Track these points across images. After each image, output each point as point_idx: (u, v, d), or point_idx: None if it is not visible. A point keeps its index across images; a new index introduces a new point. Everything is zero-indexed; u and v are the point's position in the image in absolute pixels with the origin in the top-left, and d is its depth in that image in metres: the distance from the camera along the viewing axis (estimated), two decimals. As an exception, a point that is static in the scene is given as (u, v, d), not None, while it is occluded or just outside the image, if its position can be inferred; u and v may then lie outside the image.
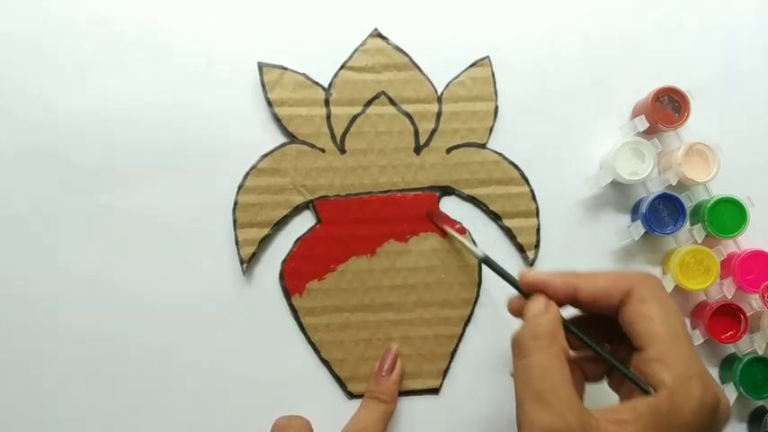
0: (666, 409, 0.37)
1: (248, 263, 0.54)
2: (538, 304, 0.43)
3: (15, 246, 0.54)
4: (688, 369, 0.38)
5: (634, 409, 0.38)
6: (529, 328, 0.41)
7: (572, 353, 0.42)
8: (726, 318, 0.54)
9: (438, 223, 0.55)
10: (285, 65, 0.55)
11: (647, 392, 0.38)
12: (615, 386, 0.45)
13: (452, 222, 0.55)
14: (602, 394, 0.44)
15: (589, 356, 0.44)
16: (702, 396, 0.38)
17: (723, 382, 0.56)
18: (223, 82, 0.55)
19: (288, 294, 0.54)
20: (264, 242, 0.54)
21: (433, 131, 0.55)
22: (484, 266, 0.55)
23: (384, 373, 0.53)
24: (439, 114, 0.55)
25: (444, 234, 0.55)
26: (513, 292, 0.46)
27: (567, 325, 0.43)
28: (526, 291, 0.45)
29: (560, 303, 0.44)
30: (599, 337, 0.44)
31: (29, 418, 0.53)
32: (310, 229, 0.55)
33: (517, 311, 0.46)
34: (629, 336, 0.41)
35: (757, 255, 0.54)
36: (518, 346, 0.41)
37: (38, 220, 0.54)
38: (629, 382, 0.41)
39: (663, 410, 0.37)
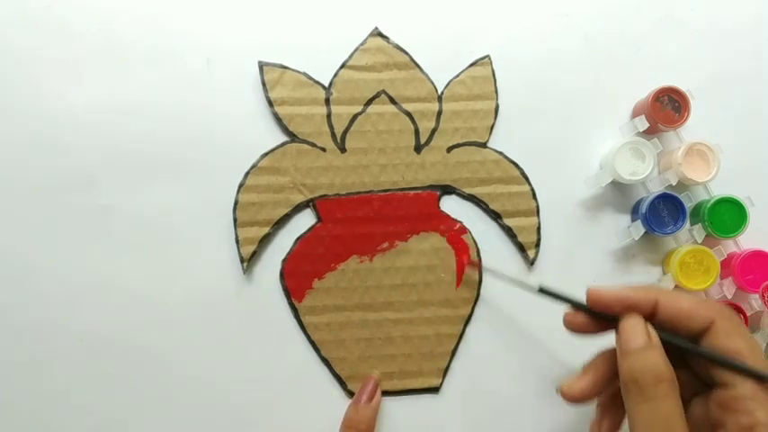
0: None
1: (248, 262, 0.54)
2: (638, 333, 0.42)
3: (15, 246, 0.54)
4: None
5: None
6: (648, 367, 0.40)
7: None
8: (726, 318, 0.54)
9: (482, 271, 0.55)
10: (285, 64, 0.55)
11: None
12: (694, 412, 0.44)
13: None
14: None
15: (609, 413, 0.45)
16: None
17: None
18: (223, 81, 0.55)
19: (288, 293, 0.54)
20: (265, 241, 0.54)
21: (434, 130, 0.55)
22: (484, 265, 0.55)
23: (364, 401, 0.53)
24: (439, 113, 0.55)
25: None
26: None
27: (669, 338, 0.42)
28: (599, 309, 0.44)
29: None
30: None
31: (29, 418, 0.53)
32: (311, 228, 0.55)
33: (579, 328, 0.45)
34: (709, 369, 0.41)
35: (757, 255, 0.54)
36: (640, 388, 0.39)
37: (38, 220, 0.54)
38: (722, 410, 0.40)
39: None
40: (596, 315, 0.44)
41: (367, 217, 0.55)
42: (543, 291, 0.48)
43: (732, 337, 0.40)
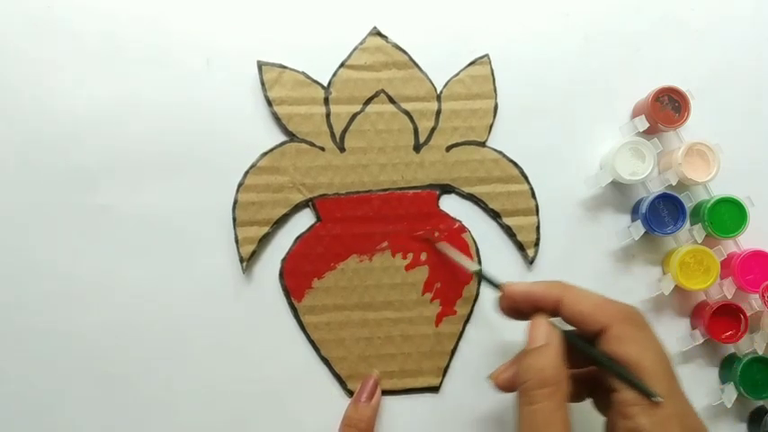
0: None
1: (248, 261, 0.54)
2: (538, 332, 0.43)
3: (15, 246, 0.54)
4: (666, 410, 0.39)
5: None
6: (536, 372, 0.41)
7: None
8: (726, 318, 0.54)
9: (434, 244, 0.55)
10: (284, 63, 0.55)
11: (654, 400, 0.39)
12: (600, 408, 0.46)
13: (451, 229, 0.56)
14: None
15: (576, 377, 0.45)
16: None
17: (723, 382, 0.56)
18: (222, 81, 0.55)
19: (288, 293, 0.54)
20: (264, 240, 0.54)
21: (433, 129, 0.55)
22: (483, 264, 0.55)
23: (364, 400, 0.53)
24: (438, 112, 0.55)
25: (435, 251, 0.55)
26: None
27: (569, 337, 0.44)
28: (512, 305, 0.46)
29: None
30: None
31: (29, 418, 0.53)
32: (310, 228, 0.55)
33: (509, 314, 0.47)
34: (605, 372, 0.42)
35: (757, 255, 0.54)
36: (524, 390, 0.41)
37: (38, 220, 0.54)
38: (614, 413, 0.41)
39: None
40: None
41: (366, 216, 0.55)
42: (479, 274, 0.50)
43: (623, 343, 0.41)
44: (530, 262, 0.56)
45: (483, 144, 0.56)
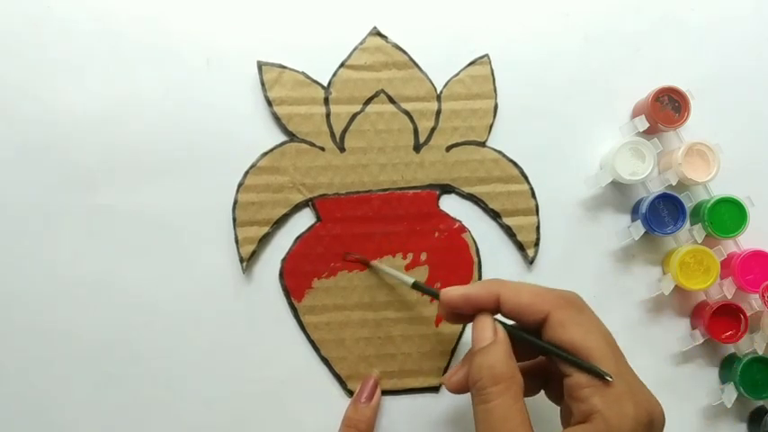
0: None
1: (248, 261, 0.54)
2: (484, 331, 0.43)
3: (15, 246, 0.54)
4: (617, 388, 0.39)
5: None
6: (487, 370, 0.41)
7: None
8: (726, 318, 0.54)
9: (361, 259, 0.55)
10: (284, 63, 0.55)
11: (605, 380, 0.39)
12: (554, 397, 0.47)
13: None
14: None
15: (527, 371, 0.45)
16: (636, 414, 0.39)
17: (723, 382, 0.56)
18: (222, 81, 0.55)
19: (288, 293, 0.54)
20: (264, 240, 0.54)
21: (433, 129, 0.55)
22: (483, 264, 0.55)
23: (364, 400, 0.53)
24: (438, 112, 0.55)
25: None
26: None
27: (514, 332, 0.44)
28: (450, 310, 0.46)
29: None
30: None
31: (29, 418, 0.53)
32: (310, 228, 0.55)
33: (453, 320, 0.48)
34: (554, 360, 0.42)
35: (757, 255, 0.54)
36: (478, 390, 0.41)
37: (38, 220, 0.54)
38: (568, 398, 0.41)
39: None
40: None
41: (366, 216, 0.55)
42: (416, 286, 0.50)
43: (565, 327, 0.41)
44: (530, 262, 0.56)
45: (483, 144, 0.56)
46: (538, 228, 0.56)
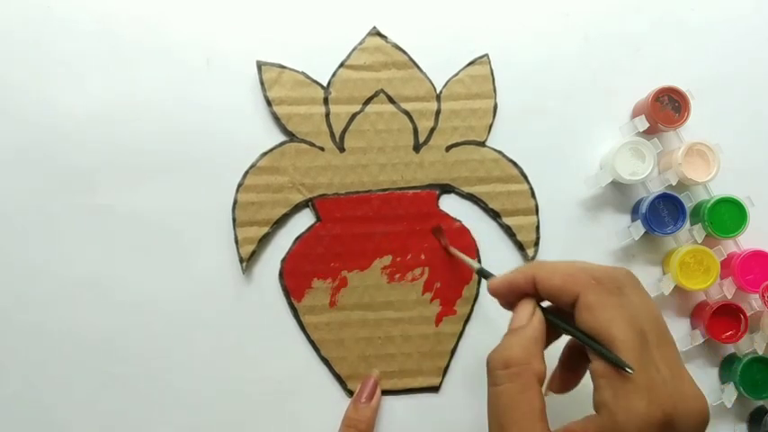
0: (610, 430, 0.37)
1: (248, 261, 0.54)
2: (520, 315, 0.42)
3: (15, 246, 0.54)
4: (632, 383, 0.37)
5: (585, 429, 0.38)
6: (501, 353, 0.40)
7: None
8: (726, 318, 0.54)
9: (442, 241, 0.55)
10: (284, 63, 0.55)
11: (623, 371, 0.37)
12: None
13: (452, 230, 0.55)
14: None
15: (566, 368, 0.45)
16: (648, 412, 0.36)
17: (723, 382, 0.55)
18: (222, 81, 0.55)
19: (287, 293, 0.54)
20: (264, 241, 0.54)
21: (433, 129, 0.55)
22: (483, 264, 0.55)
23: (364, 400, 0.53)
24: (438, 112, 0.55)
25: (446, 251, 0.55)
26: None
27: (549, 317, 0.42)
28: (500, 298, 0.45)
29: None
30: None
31: (29, 418, 0.53)
32: (310, 228, 0.55)
33: (508, 308, 0.45)
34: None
35: (757, 255, 0.54)
36: (490, 371, 0.40)
37: (38, 220, 0.54)
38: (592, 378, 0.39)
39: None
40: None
41: (366, 216, 0.55)
42: (480, 272, 0.50)
43: (591, 311, 0.39)
44: (529, 261, 0.55)
45: (482, 144, 0.56)
46: (537, 227, 0.56)
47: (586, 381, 0.42)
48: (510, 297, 0.44)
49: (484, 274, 0.50)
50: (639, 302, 0.40)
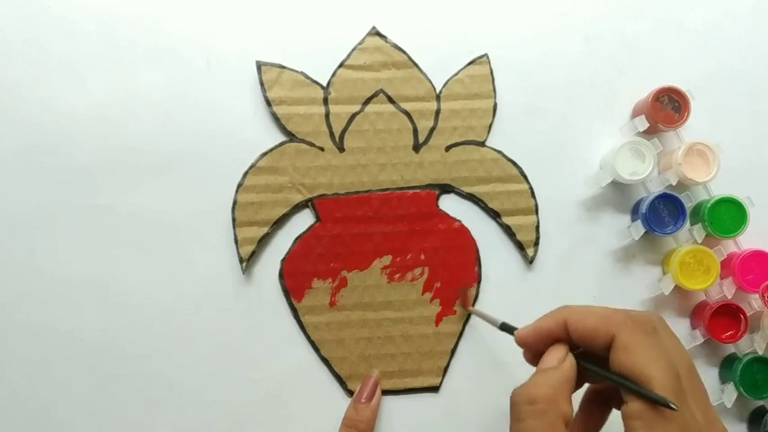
0: None
1: (248, 262, 0.54)
2: (551, 357, 0.41)
3: (15, 246, 0.54)
4: (668, 424, 0.36)
5: None
6: (528, 389, 0.39)
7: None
8: (726, 318, 0.54)
9: (463, 299, 0.55)
10: (283, 64, 0.55)
11: (662, 407, 0.36)
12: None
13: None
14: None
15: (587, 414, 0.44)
16: None
17: (723, 382, 0.55)
18: (222, 81, 0.55)
19: (287, 293, 0.54)
20: (264, 241, 0.54)
21: (432, 129, 0.55)
22: (483, 264, 0.55)
23: (364, 400, 0.53)
24: (438, 112, 0.55)
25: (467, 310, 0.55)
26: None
27: (580, 361, 0.41)
28: (529, 349, 0.44)
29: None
30: None
31: (29, 418, 0.53)
32: (309, 228, 0.55)
33: (535, 361, 0.44)
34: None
35: (757, 255, 0.54)
36: (514, 406, 0.39)
37: (38, 220, 0.54)
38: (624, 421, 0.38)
39: None
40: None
41: (366, 216, 0.55)
42: (503, 327, 0.47)
43: (629, 351, 0.38)
44: (529, 261, 0.56)
45: (482, 144, 0.56)
46: (537, 227, 0.56)
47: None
48: (539, 345, 0.43)
49: (507, 327, 0.47)
50: (672, 345, 0.39)
